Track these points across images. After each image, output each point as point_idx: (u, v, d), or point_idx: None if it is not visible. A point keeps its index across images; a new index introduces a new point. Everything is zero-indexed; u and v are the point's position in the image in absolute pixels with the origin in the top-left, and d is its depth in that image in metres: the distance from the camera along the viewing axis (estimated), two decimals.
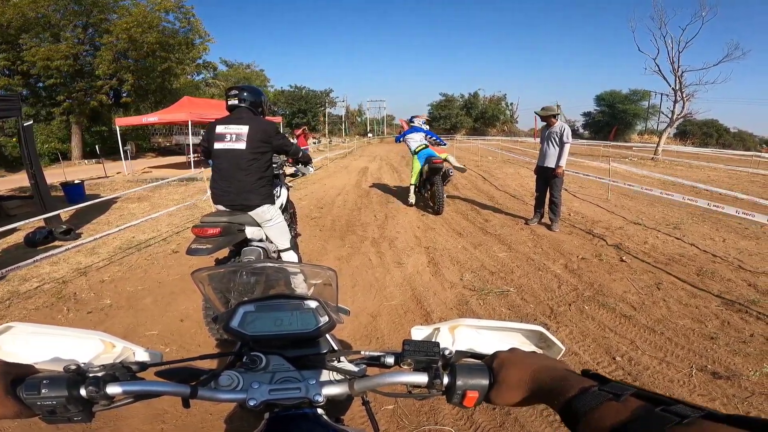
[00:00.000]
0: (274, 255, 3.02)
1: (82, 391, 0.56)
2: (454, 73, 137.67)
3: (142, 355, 0.76)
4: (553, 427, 2.09)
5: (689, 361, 2.67)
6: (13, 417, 0.54)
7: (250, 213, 2.84)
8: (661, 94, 46.14)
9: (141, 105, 20.99)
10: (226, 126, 2.82)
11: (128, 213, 7.46)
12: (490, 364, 0.60)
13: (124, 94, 20.06)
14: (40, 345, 0.72)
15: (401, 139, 7.85)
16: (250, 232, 2.89)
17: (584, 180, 10.25)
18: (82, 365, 0.60)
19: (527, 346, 0.79)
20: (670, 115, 21.82)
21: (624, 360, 2.71)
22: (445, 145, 7.83)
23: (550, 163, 5.76)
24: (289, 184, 3.95)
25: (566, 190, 9.59)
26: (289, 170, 3.77)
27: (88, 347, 0.75)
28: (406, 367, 0.65)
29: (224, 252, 2.92)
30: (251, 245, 2.90)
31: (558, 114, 5.77)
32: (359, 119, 56.62)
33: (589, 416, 0.43)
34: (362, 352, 0.75)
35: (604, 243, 5.28)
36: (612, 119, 52.41)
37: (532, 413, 2.18)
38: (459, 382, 0.58)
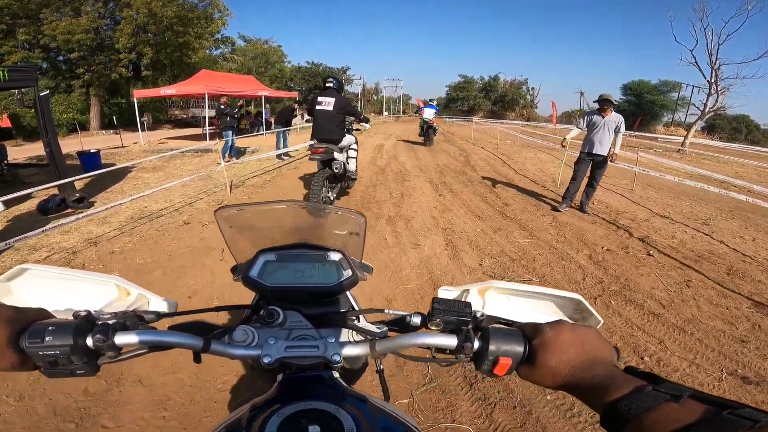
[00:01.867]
0: (347, 163, 5.36)
1: (89, 340, 0.53)
2: (473, 55, 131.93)
3: (156, 304, 0.73)
4: (577, 429, 1.95)
5: (719, 365, 2.54)
6: (11, 369, 0.51)
7: (334, 145, 5.05)
8: (692, 86, 44.49)
9: (160, 78, 20.90)
10: (323, 97, 5.05)
11: (142, 182, 7.44)
12: (530, 335, 0.55)
13: (143, 68, 19.92)
14: (53, 289, 0.70)
15: (419, 112, 12.82)
16: (335, 153, 5.08)
17: (609, 168, 9.89)
18: (93, 312, 0.58)
19: (561, 315, 0.75)
20: (702, 108, 20.91)
21: (652, 360, 2.55)
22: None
23: (602, 150, 5.71)
24: (354, 133, 5.97)
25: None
26: (356, 126, 6.10)
27: (102, 293, 0.72)
28: (434, 328, 0.61)
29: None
30: (335, 160, 5.05)
31: (615, 104, 5.74)
32: (375, 98, 55.77)
33: (644, 418, 0.39)
34: (386, 311, 0.72)
35: (629, 235, 5.03)
36: (638, 109, 50.76)
37: (556, 413, 2.05)
38: (492, 347, 0.54)
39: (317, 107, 5.02)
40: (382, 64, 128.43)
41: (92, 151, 9.26)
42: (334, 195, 5.42)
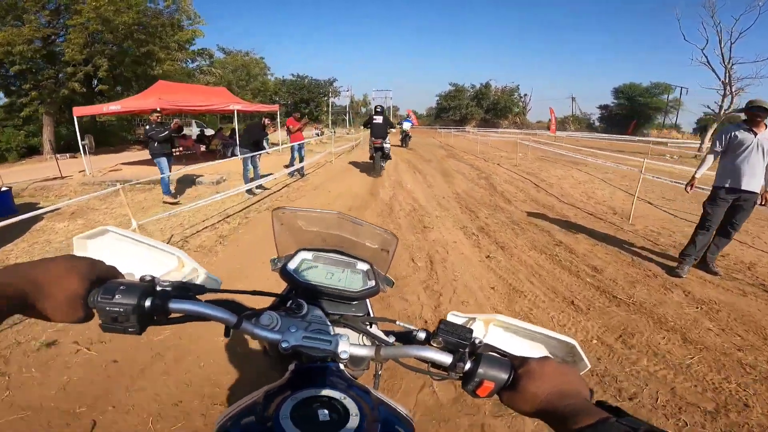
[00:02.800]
0: (388, 148, 9.91)
1: (147, 303, 0.59)
2: (463, 63, 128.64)
3: (204, 279, 0.80)
4: None
5: None
6: (76, 321, 0.56)
7: (383, 140, 9.62)
8: (681, 88, 43.87)
9: (125, 93, 18.55)
10: (376, 116, 9.81)
11: (45, 240, 5.09)
12: (517, 366, 0.59)
13: (99, 82, 17.51)
14: (126, 252, 0.78)
15: (400, 123, 16.81)
16: (384, 144, 9.64)
17: (665, 186, 7.85)
18: (156, 279, 0.63)
19: (552, 356, 0.76)
20: (717, 110, 19.36)
21: None
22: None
23: (753, 184, 3.64)
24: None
25: (651, 203, 7.18)
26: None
27: (165, 262, 0.79)
28: (435, 345, 0.66)
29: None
30: (384, 147, 9.66)
31: None
32: (363, 109, 53.95)
33: None
34: (397, 322, 0.78)
35: None
36: (631, 113, 49.99)
37: None
38: (480, 370, 0.59)
39: (374, 121, 9.70)
40: (370, 76, 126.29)
41: (2, 188, 6.89)
42: (384, 164, 10.08)
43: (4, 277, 0.51)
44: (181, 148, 14.53)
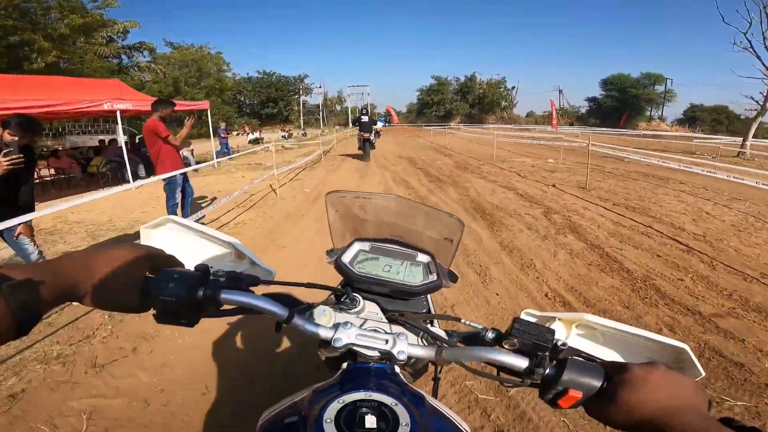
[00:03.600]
0: (374, 140, 13.63)
1: (200, 292, 0.58)
2: (443, 56, 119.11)
3: (259, 271, 0.77)
4: None
5: None
6: (133, 311, 0.56)
7: (369, 134, 12.91)
8: (669, 80, 41.33)
9: None
10: (363, 116, 13.19)
11: None
12: (612, 372, 0.51)
13: None
14: (186, 242, 0.78)
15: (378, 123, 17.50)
16: (371, 137, 13.01)
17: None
18: (210, 268, 0.62)
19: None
20: (762, 101, 15.72)
21: None
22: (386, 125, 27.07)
23: None
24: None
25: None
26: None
27: (222, 252, 0.80)
28: (508, 347, 0.57)
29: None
30: (371, 139, 13.05)
31: None
32: (339, 107, 49.31)
33: None
34: (462, 321, 0.71)
35: None
36: (622, 105, 47.29)
37: None
38: (565, 377, 0.51)
39: (362, 120, 12.96)
40: (345, 71, 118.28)
41: None
42: (370, 150, 13.02)
43: (58, 265, 0.51)
44: (52, 172, 9.70)
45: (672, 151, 14.43)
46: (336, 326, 0.62)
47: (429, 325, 0.71)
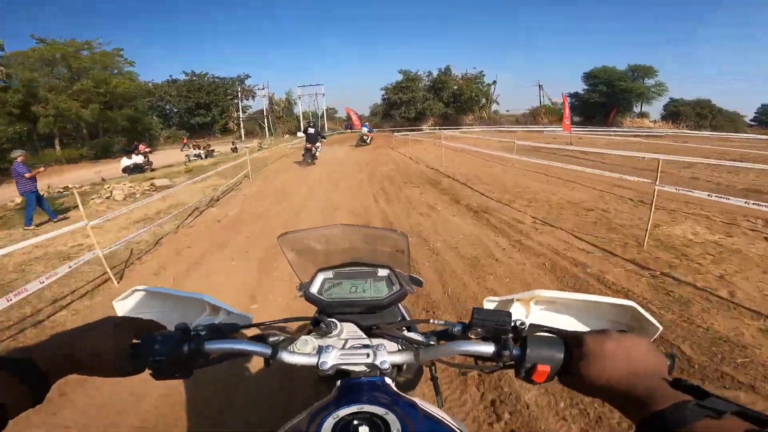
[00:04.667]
0: (315, 152, 14.43)
1: (185, 348, 0.62)
2: (407, 51, 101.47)
3: (236, 318, 0.81)
4: None
5: None
6: (128, 374, 0.61)
7: (312, 145, 14.13)
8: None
9: None
10: (310, 128, 14.71)
11: None
12: (572, 344, 0.56)
13: None
14: (157, 305, 0.84)
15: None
16: (312, 148, 14.22)
17: None
18: (190, 325, 0.67)
19: (615, 325, 0.70)
20: None
21: None
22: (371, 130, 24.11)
23: None
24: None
25: None
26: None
27: (196, 308, 0.84)
28: (473, 337, 0.64)
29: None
30: (312, 150, 14.21)
31: None
32: (289, 112, 40.86)
33: None
34: (431, 321, 0.78)
35: None
36: (609, 100, 42.09)
37: None
38: (530, 353, 0.56)
39: (308, 131, 14.34)
40: (295, 70, 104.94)
41: None
42: (309, 161, 13.81)
43: (55, 345, 0.57)
44: None
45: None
46: (319, 352, 0.66)
47: (406, 332, 0.76)
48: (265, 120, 37.75)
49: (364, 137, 22.37)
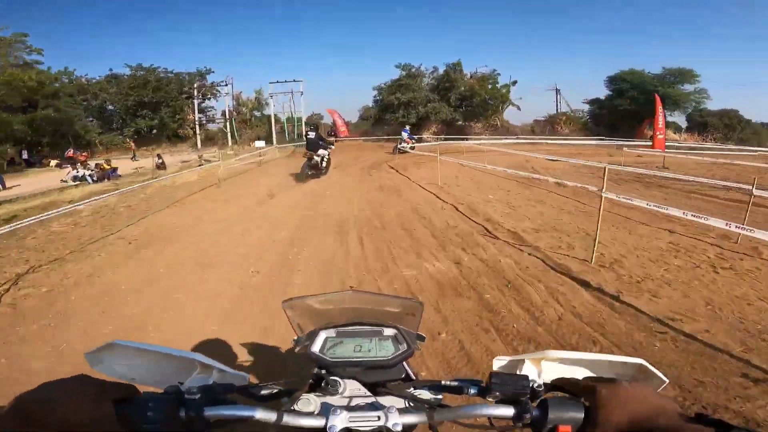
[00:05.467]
0: (320, 162, 11.83)
1: (182, 413, 0.57)
2: (406, 45, 71.42)
3: (230, 377, 0.77)
4: None
5: None
6: None
7: (314, 153, 11.75)
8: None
9: None
10: (310, 132, 12.15)
11: None
12: (588, 395, 0.57)
13: None
14: (141, 362, 0.74)
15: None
16: (314, 157, 11.61)
17: None
18: (181, 387, 0.62)
19: (623, 379, 0.67)
20: None
21: None
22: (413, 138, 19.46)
23: None
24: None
25: None
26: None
27: (184, 368, 0.75)
28: (491, 399, 0.63)
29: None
30: (314, 159, 11.64)
31: None
32: (258, 113, 32.99)
33: None
34: (443, 382, 0.74)
35: None
36: (641, 108, 35.54)
37: None
38: (551, 416, 0.57)
39: (307, 137, 11.79)
40: (272, 67, 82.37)
41: None
42: (310, 173, 11.46)
43: (22, 408, 0.49)
44: None
45: None
46: (325, 413, 0.63)
47: (412, 390, 0.73)
48: (227, 124, 29.95)
49: (403, 145, 18.06)
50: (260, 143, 19.06)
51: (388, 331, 0.86)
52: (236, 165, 14.97)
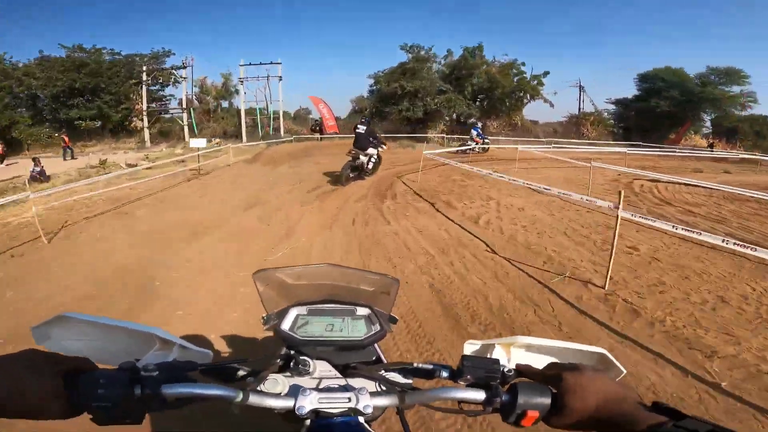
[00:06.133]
0: (366, 164, 9.07)
1: (137, 390, 0.54)
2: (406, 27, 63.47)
3: (192, 355, 0.73)
4: None
5: None
6: (61, 417, 0.52)
7: (361, 152, 8.91)
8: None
9: None
10: (360, 125, 8.96)
11: None
12: (555, 382, 0.58)
13: None
14: (94, 337, 0.70)
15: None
16: (360, 156, 8.87)
17: None
18: (138, 363, 0.58)
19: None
20: None
21: None
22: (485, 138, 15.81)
23: None
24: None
25: None
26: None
27: (142, 342, 0.72)
28: (462, 382, 0.63)
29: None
30: (359, 159, 8.84)
31: None
32: (225, 104, 26.57)
33: None
34: (415, 364, 0.72)
35: None
36: (680, 111, 30.48)
37: None
38: (520, 401, 0.57)
39: (356, 131, 8.87)
40: (247, 41, 53.25)
41: None
42: (352, 176, 9.00)
43: None
44: None
45: None
46: (294, 394, 0.60)
47: (383, 372, 0.72)
48: (185, 115, 23.55)
49: (472, 145, 14.90)
50: (198, 142, 12.70)
51: (361, 311, 0.84)
52: (155, 177, 8.89)
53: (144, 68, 24.59)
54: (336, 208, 6.80)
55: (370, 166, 9.28)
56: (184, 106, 23.67)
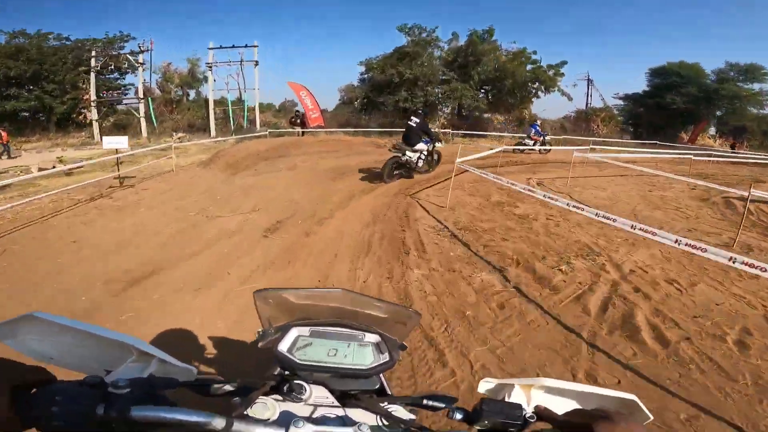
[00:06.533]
0: (415, 161, 7.82)
1: (99, 410, 0.47)
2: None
3: (174, 370, 0.65)
4: None
5: None
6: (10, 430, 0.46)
7: (409, 147, 7.68)
8: None
9: None
10: (413, 116, 7.92)
11: None
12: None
13: None
14: (64, 341, 0.62)
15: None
16: (407, 152, 7.62)
17: None
18: (106, 377, 0.53)
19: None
20: None
21: None
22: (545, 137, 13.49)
23: None
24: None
25: None
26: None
27: (117, 352, 0.64)
28: (478, 427, 0.58)
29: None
30: (406, 155, 7.59)
31: None
32: (193, 93, 22.91)
33: None
34: (424, 402, 0.67)
35: None
36: (699, 108, 28.13)
37: None
38: None
39: (408, 123, 7.90)
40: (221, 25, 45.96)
41: None
42: (395, 173, 7.83)
43: None
44: None
45: None
46: (285, 423, 0.54)
47: (386, 405, 0.67)
48: (142, 106, 19.83)
49: (529, 143, 12.75)
50: (116, 141, 8.54)
51: (370, 337, 0.76)
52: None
53: (93, 54, 20.71)
54: (315, 279, 3.54)
55: (420, 163, 8.05)
56: (141, 95, 19.93)
